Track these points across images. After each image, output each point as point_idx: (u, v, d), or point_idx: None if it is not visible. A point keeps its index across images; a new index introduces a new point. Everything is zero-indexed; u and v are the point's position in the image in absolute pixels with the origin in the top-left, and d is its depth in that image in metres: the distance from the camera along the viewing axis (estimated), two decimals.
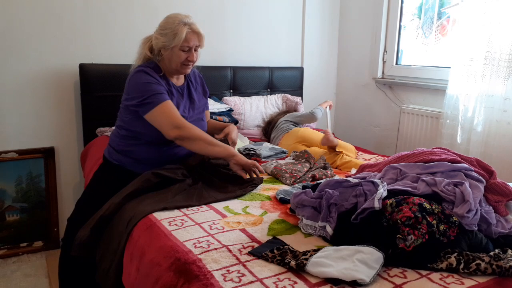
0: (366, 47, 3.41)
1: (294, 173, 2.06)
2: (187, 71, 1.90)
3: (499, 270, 1.14)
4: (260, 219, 1.55)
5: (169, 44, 1.79)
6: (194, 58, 1.84)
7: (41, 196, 2.65)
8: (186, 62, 1.84)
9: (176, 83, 1.93)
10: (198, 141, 1.77)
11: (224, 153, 1.82)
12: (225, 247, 1.32)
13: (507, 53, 2.30)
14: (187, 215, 1.58)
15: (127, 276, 1.46)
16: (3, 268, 2.42)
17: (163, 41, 1.80)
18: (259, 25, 3.25)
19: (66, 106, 2.66)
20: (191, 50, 1.82)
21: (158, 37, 1.81)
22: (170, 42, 1.78)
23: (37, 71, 2.53)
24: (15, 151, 2.55)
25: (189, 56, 1.82)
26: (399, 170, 1.58)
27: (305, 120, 2.91)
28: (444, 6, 2.94)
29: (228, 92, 3.12)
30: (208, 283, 1.12)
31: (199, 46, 1.86)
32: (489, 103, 2.41)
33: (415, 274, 1.17)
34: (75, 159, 2.74)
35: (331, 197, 1.42)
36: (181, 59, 1.81)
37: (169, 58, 1.83)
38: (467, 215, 1.27)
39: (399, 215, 1.24)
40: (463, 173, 1.46)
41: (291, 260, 1.19)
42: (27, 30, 2.47)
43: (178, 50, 1.80)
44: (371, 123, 3.46)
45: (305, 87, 3.50)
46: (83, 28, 2.62)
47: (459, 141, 2.57)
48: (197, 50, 1.87)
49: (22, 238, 2.62)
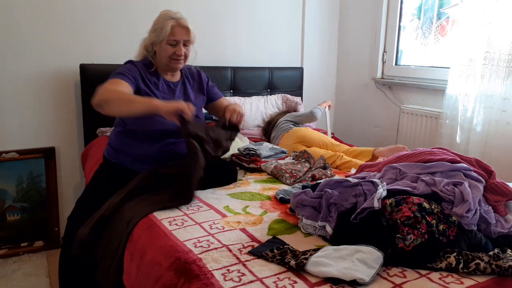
0: (365, 47, 3.41)
1: (294, 173, 2.06)
2: (177, 66, 1.91)
3: (499, 269, 1.15)
4: (260, 219, 1.56)
5: (157, 39, 1.84)
6: (182, 52, 1.86)
7: (41, 196, 2.66)
8: (174, 57, 1.86)
9: (170, 79, 1.96)
10: (114, 101, 1.64)
11: (145, 107, 1.61)
12: (225, 246, 1.32)
13: (506, 53, 2.31)
14: (187, 214, 1.58)
15: (127, 275, 1.46)
16: (4, 268, 2.43)
17: (153, 36, 1.86)
18: (259, 25, 3.26)
19: (67, 106, 2.66)
20: (178, 44, 1.85)
21: (149, 33, 1.89)
22: (159, 37, 1.84)
23: (37, 71, 2.54)
24: (16, 151, 2.55)
25: (177, 50, 1.85)
26: (398, 170, 1.58)
27: (305, 119, 2.92)
28: (443, 7, 2.94)
29: (228, 92, 3.12)
30: (208, 282, 1.12)
31: (188, 41, 1.87)
32: (488, 103, 2.41)
33: (415, 273, 1.17)
34: (75, 159, 2.74)
35: (331, 197, 1.42)
36: (168, 53, 1.85)
37: (159, 53, 1.88)
38: (467, 215, 1.27)
39: (398, 214, 1.25)
40: (463, 173, 1.46)
41: (291, 259, 1.19)
42: (27, 30, 2.47)
43: (166, 44, 1.84)
44: (370, 123, 3.47)
45: (305, 87, 3.50)
46: (84, 28, 2.62)
47: (459, 141, 2.57)
48: (187, 45, 1.88)
49: (22, 237, 2.63)
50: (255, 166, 2.24)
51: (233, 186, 1.96)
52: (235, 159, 2.33)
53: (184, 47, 1.87)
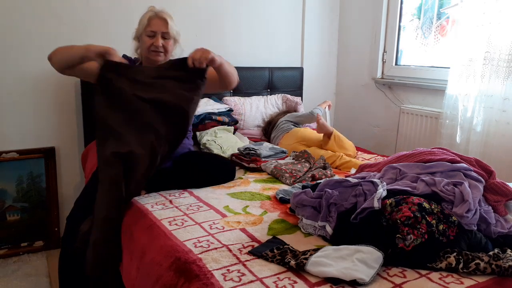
0: (365, 47, 3.41)
1: (294, 173, 2.06)
2: (157, 59, 1.92)
3: (498, 269, 1.15)
4: (260, 219, 1.56)
5: (138, 32, 1.91)
6: (159, 43, 1.87)
7: (41, 196, 2.66)
8: (153, 48, 1.88)
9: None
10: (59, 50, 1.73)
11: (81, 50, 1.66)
12: (225, 246, 1.32)
13: (506, 53, 2.31)
14: (187, 214, 1.58)
15: (127, 275, 1.46)
16: (4, 268, 2.43)
17: (137, 30, 1.92)
18: (259, 25, 3.26)
19: (67, 106, 2.66)
20: (156, 36, 1.87)
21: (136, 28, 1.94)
22: (139, 30, 1.90)
23: (38, 71, 2.54)
24: (16, 151, 2.55)
25: (155, 41, 1.87)
26: (398, 170, 1.58)
27: (305, 120, 2.92)
28: (443, 7, 2.94)
29: (228, 92, 3.12)
30: (208, 282, 1.12)
31: (167, 33, 1.89)
32: (488, 103, 2.41)
33: (415, 273, 1.17)
34: (75, 159, 2.74)
35: (331, 197, 1.42)
36: (146, 44, 1.88)
37: (141, 46, 1.93)
38: (467, 215, 1.28)
39: (398, 214, 1.25)
40: (463, 173, 1.46)
41: (291, 259, 1.20)
42: (27, 30, 2.47)
43: (145, 36, 1.88)
44: (370, 123, 3.47)
45: (305, 87, 3.50)
46: (83, 28, 2.62)
47: (459, 141, 2.57)
48: (166, 37, 1.90)
49: (22, 238, 2.62)
50: (255, 166, 2.25)
51: (233, 184, 1.97)
52: (235, 159, 2.33)
53: (163, 40, 1.88)
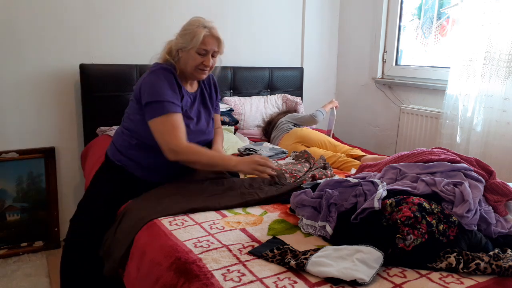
0: (365, 47, 3.41)
1: (294, 173, 2.06)
2: (201, 77, 1.85)
3: (499, 270, 1.15)
4: (260, 219, 1.56)
5: (186, 46, 1.76)
6: (210, 63, 1.80)
7: (41, 196, 2.66)
8: (201, 67, 1.80)
9: (189, 90, 1.89)
10: (195, 164, 1.77)
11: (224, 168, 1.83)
12: (225, 246, 1.32)
13: (506, 53, 2.31)
14: (187, 214, 1.58)
15: (127, 275, 1.46)
16: (4, 268, 2.43)
17: (181, 42, 1.78)
18: (259, 25, 3.26)
19: (67, 106, 2.66)
20: (207, 54, 1.78)
21: (178, 38, 1.81)
22: (188, 44, 1.75)
23: (37, 71, 2.54)
24: (16, 151, 2.55)
25: (205, 60, 1.78)
26: (398, 170, 1.58)
27: (306, 122, 2.91)
28: (443, 7, 2.95)
29: (228, 92, 3.12)
30: (208, 282, 1.12)
31: (217, 52, 1.82)
32: (488, 103, 2.42)
33: (415, 273, 1.17)
34: (75, 159, 2.74)
35: (331, 197, 1.42)
36: (196, 62, 1.78)
37: (185, 61, 1.79)
38: (467, 215, 1.27)
39: (398, 214, 1.25)
40: (463, 173, 1.46)
41: (291, 259, 1.19)
42: (27, 30, 2.47)
43: (195, 53, 1.76)
44: (370, 123, 3.47)
45: (305, 87, 3.50)
46: (83, 28, 2.62)
47: (459, 141, 2.57)
48: (215, 56, 1.83)
49: (22, 238, 2.63)
50: None
51: None
52: None
53: (212, 58, 1.81)
